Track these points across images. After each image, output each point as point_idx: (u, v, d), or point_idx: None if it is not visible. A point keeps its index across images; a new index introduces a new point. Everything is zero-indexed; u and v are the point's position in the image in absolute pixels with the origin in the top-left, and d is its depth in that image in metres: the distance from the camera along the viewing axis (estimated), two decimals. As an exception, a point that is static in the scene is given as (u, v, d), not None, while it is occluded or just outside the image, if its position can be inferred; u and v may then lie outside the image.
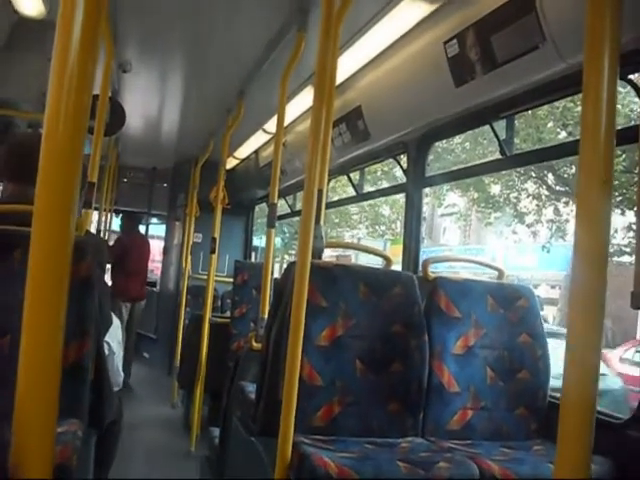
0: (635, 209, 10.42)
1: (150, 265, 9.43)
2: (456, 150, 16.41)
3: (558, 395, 2.92)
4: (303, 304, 2.40)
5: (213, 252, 5.87)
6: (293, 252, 19.78)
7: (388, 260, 3.32)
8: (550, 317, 15.14)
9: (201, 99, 6.11)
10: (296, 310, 2.39)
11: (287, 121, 4.77)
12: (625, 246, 14.24)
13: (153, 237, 12.16)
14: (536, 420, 2.95)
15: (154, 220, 11.19)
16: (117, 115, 5.28)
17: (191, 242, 8.01)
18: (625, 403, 7.55)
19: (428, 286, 3.06)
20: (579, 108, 12.22)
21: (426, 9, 3.42)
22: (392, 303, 2.89)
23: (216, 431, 4.23)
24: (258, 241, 12.40)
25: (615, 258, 14.37)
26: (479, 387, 2.92)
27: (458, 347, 2.93)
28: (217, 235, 5.90)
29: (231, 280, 6.37)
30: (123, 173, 9.90)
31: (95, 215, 8.17)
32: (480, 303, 3.03)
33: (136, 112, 6.42)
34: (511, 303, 3.07)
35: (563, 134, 13.56)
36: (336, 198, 11.25)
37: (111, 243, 8.56)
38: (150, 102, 6.42)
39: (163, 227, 10.75)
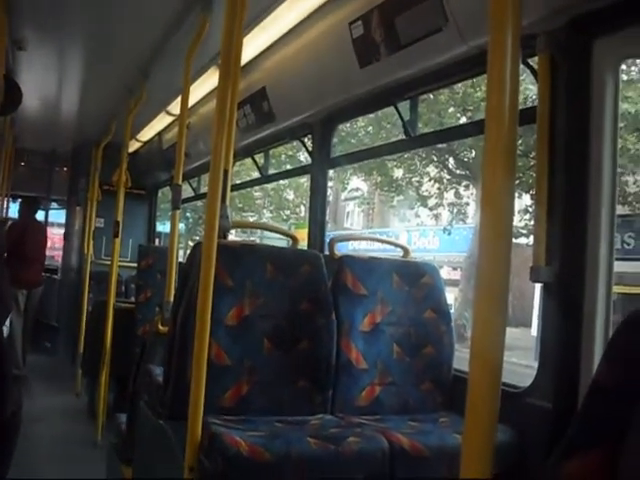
0: (532, 192, 10.79)
1: (51, 252, 9.13)
2: (359, 134, 16.55)
3: (462, 369, 3.02)
4: (210, 283, 2.39)
5: (116, 236, 5.76)
6: (197, 238, 19.56)
7: (294, 239, 3.33)
8: (452, 297, 15.49)
9: (102, 79, 5.94)
10: (203, 290, 2.38)
11: (191, 102, 4.70)
12: (522, 228, 14.72)
13: (53, 224, 11.80)
14: (441, 393, 3.03)
15: (54, 205, 10.83)
16: (13, 94, 5.06)
17: (93, 227, 7.81)
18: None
19: (334, 265, 3.09)
20: (479, 94, 12.57)
21: (332, -11, 3.42)
22: (299, 282, 2.91)
23: (123, 417, 4.15)
24: (161, 227, 12.24)
25: (513, 239, 14.79)
26: (386, 363, 2.97)
27: (365, 324, 2.97)
28: (120, 219, 5.78)
29: (135, 265, 6.28)
30: (20, 156, 9.57)
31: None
32: (386, 280, 3.07)
33: (33, 92, 6.19)
34: (416, 280, 3.13)
35: (464, 119, 13.87)
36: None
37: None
38: (48, 82, 6.20)
39: (63, 213, 10.42)
